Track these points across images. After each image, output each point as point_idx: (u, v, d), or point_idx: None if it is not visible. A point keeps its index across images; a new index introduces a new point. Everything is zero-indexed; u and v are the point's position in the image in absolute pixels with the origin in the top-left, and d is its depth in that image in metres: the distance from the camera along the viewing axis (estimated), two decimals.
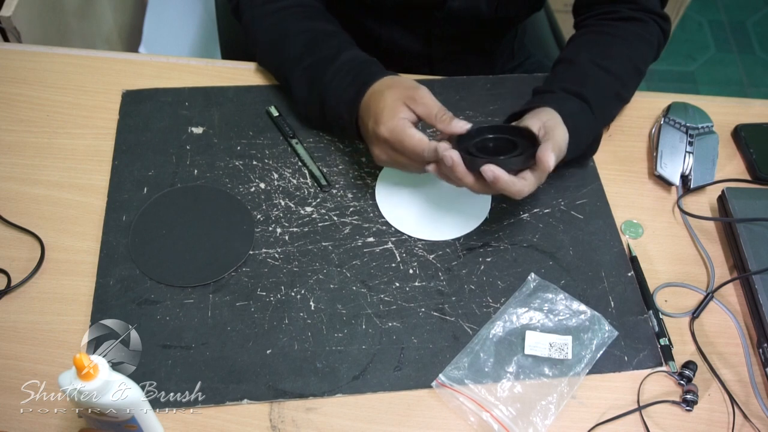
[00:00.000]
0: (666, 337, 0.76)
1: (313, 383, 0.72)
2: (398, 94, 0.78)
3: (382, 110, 0.77)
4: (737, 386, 0.74)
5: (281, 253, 0.80)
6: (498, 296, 0.78)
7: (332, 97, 0.83)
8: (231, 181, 0.86)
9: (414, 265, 0.80)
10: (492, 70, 1.11)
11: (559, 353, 0.74)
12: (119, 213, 0.82)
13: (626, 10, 0.91)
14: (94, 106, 0.92)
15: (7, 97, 0.92)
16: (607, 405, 0.72)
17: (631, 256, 0.83)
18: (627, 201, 0.88)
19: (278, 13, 0.89)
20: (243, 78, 0.96)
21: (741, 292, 0.81)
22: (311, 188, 0.86)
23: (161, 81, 0.95)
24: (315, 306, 0.77)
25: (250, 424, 0.69)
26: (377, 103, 0.78)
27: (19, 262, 0.78)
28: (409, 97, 0.77)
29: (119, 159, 0.87)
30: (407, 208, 0.85)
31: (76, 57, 0.97)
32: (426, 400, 0.72)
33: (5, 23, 1.02)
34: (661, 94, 0.98)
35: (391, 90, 0.78)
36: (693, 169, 0.88)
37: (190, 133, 0.90)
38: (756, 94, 2.17)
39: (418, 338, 0.75)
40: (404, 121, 0.76)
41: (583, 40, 0.91)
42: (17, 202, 0.83)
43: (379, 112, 0.77)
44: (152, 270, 0.78)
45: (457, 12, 0.94)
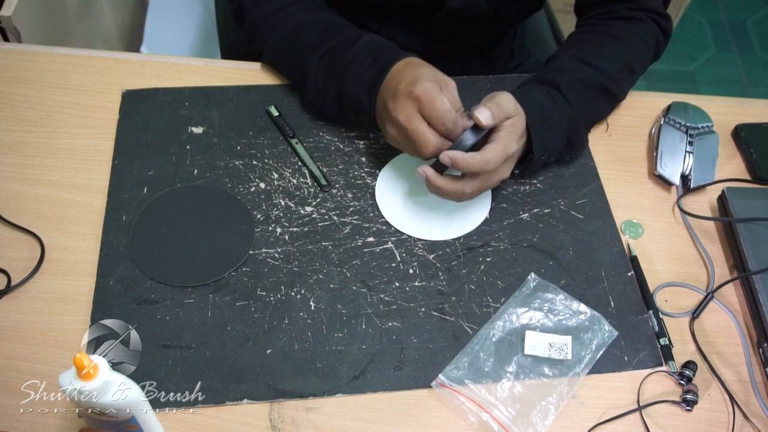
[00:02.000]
0: (666, 337, 0.76)
1: (313, 383, 0.72)
2: (434, 73, 0.79)
3: (422, 74, 0.78)
4: (737, 386, 0.74)
5: (281, 252, 0.80)
6: (498, 296, 0.78)
7: (351, 79, 0.83)
8: (231, 180, 0.86)
9: (414, 265, 0.80)
10: (491, 69, 1.11)
11: (558, 353, 0.74)
12: (119, 213, 0.82)
13: (624, 9, 0.91)
14: (94, 106, 0.92)
15: (7, 97, 0.92)
16: (607, 405, 0.72)
17: (631, 256, 0.83)
18: (627, 201, 0.88)
19: (287, 8, 0.90)
20: (243, 78, 0.96)
21: (741, 292, 0.81)
22: (311, 188, 0.86)
23: (161, 81, 0.95)
24: (315, 306, 0.77)
25: (250, 424, 0.70)
26: (415, 69, 0.79)
27: (19, 262, 0.78)
28: (443, 80, 0.79)
29: (119, 159, 0.87)
30: (407, 208, 0.85)
31: (76, 57, 0.97)
32: (426, 400, 0.72)
33: (5, 23, 1.02)
34: (661, 94, 0.98)
35: (427, 68, 0.80)
36: (693, 169, 0.88)
37: (190, 133, 0.90)
38: (756, 94, 2.17)
39: (418, 338, 0.75)
40: (440, 89, 0.77)
41: (574, 39, 0.92)
42: (17, 202, 0.83)
43: (419, 76, 0.77)
44: (152, 270, 0.78)
45: (457, 11, 0.94)
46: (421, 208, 0.85)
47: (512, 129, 0.77)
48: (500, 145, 0.76)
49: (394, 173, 0.87)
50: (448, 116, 0.75)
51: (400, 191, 0.86)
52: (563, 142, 0.84)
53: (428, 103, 0.76)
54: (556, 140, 0.83)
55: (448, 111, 0.76)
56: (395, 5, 0.95)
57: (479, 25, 0.98)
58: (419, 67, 0.80)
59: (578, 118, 0.85)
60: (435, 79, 0.78)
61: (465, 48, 1.05)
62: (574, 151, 0.89)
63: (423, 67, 0.80)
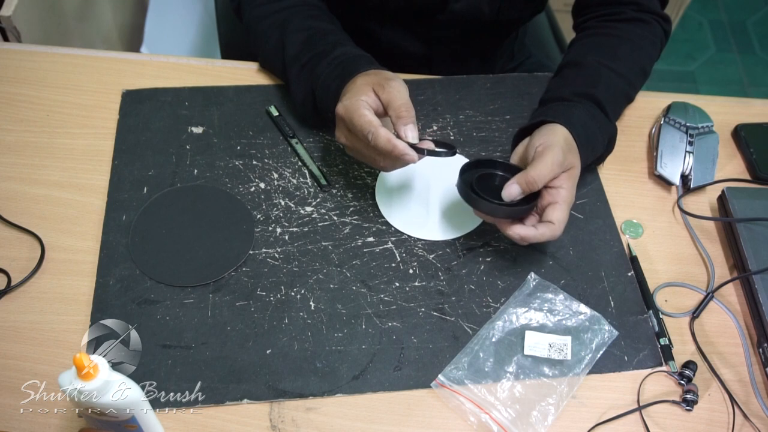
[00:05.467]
0: (666, 337, 0.76)
1: (313, 383, 0.72)
2: (370, 79, 0.77)
3: (348, 90, 0.77)
4: (737, 386, 0.74)
5: (281, 252, 0.80)
6: (498, 296, 0.78)
7: (322, 90, 0.83)
8: (231, 180, 0.86)
9: (414, 265, 0.80)
10: (492, 70, 1.11)
11: (558, 354, 0.74)
12: (119, 213, 0.82)
13: (630, 11, 0.90)
14: (94, 106, 0.92)
15: (7, 97, 0.92)
16: (607, 405, 0.72)
17: (631, 256, 0.83)
18: (627, 201, 0.88)
19: (280, 13, 0.89)
20: (243, 78, 0.96)
21: (741, 292, 0.81)
22: (311, 188, 0.86)
23: (161, 81, 0.95)
24: (315, 306, 0.77)
25: (250, 424, 0.70)
26: (349, 88, 0.78)
27: (19, 262, 0.78)
28: (379, 83, 0.76)
29: (119, 159, 0.87)
30: (407, 208, 0.85)
31: (76, 57, 0.97)
32: (426, 400, 0.72)
33: (5, 23, 1.02)
34: (661, 94, 0.98)
35: (367, 76, 0.78)
36: (693, 169, 0.88)
37: (190, 133, 0.90)
38: (756, 93, 2.17)
39: (418, 338, 0.75)
40: (361, 101, 0.75)
41: (588, 42, 0.91)
42: (17, 202, 0.83)
43: (345, 92, 0.77)
44: (152, 270, 0.78)
45: (460, 14, 0.94)
46: (421, 208, 0.85)
47: (572, 182, 0.75)
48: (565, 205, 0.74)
49: (394, 173, 0.87)
50: (367, 127, 0.73)
51: (400, 191, 0.86)
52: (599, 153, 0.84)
53: (348, 121, 0.75)
54: (595, 155, 0.83)
55: (367, 123, 0.73)
56: (397, 8, 0.95)
57: (481, 27, 0.98)
58: (355, 82, 0.78)
59: (615, 132, 0.85)
60: (361, 89, 0.75)
61: (466, 51, 1.05)
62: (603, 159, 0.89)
63: (357, 80, 0.77)
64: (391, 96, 0.74)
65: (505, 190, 0.73)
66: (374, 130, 0.72)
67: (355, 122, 0.74)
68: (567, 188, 0.74)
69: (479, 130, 0.92)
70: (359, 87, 0.76)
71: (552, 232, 0.73)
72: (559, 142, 0.75)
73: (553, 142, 0.75)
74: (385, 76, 0.77)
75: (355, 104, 0.74)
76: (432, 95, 0.95)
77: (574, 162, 0.76)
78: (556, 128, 0.77)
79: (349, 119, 0.74)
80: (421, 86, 0.96)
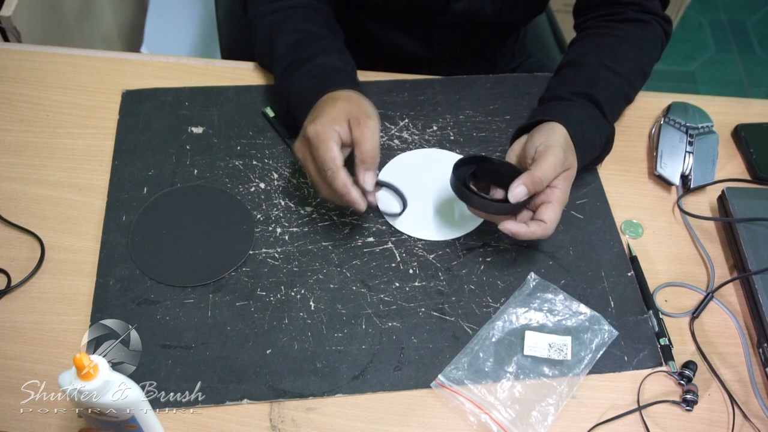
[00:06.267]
0: (666, 337, 0.76)
1: (313, 383, 0.72)
2: (349, 109, 0.75)
3: (324, 114, 0.75)
4: (737, 386, 0.74)
5: (281, 252, 0.80)
6: (498, 296, 0.78)
7: (295, 98, 0.83)
8: (231, 181, 0.86)
9: (414, 265, 0.80)
10: (492, 70, 1.11)
11: (558, 354, 0.74)
12: (119, 213, 0.82)
13: (631, 12, 0.90)
14: (94, 106, 0.92)
15: (7, 97, 0.92)
16: (607, 405, 0.72)
17: (631, 256, 0.83)
18: (627, 201, 0.88)
19: (278, 12, 0.89)
20: (243, 78, 0.96)
21: (741, 292, 0.81)
22: (311, 188, 0.86)
23: (161, 81, 0.95)
24: (315, 306, 0.77)
25: (250, 424, 0.70)
26: (326, 107, 0.76)
27: (19, 262, 0.78)
28: (356, 117, 0.75)
29: (119, 159, 0.87)
30: (407, 208, 0.85)
31: (76, 57, 0.97)
32: (426, 400, 0.72)
33: (5, 23, 1.02)
34: (661, 94, 0.98)
35: (346, 102, 0.76)
36: (693, 169, 0.88)
37: (190, 133, 0.90)
38: (756, 94, 2.17)
39: (418, 338, 0.75)
40: (333, 132, 0.74)
41: (588, 42, 0.91)
42: (17, 202, 0.83)
43: (321, 115, 0.75)
44: (152, 270, 0.78)
45: (461, 15, 0.94)
46: (421, 208, 0.85)
47: (567, 183, 0.75)
48: (558, 205, 0.74)
49: (394, 173, 0.87)
50: (328, 163, 0.73)
51: None
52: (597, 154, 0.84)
53: (314, 148, 0.74)
54: (593, 155, 0.83)
55: (330, 159, 0.73)
56: (398, 9, 0.95)
57: (482, 28, 0.98)
58: (333, 105, 0.76)
59: (612, 132, 0.85)
60: (336, 118, 0.74)
61: (467, 51, 1.05)
62: (601, 160, 0.89)
63: (337, 105, 0.76)
64: (363, 138, 0.74)
65: (511, 192, 0.73)
66: (335, 170, 0.73)
67: (320, 153, 0.73)
68: (562, 189, 0.75)
69: (479, 130, 0.92)
70: (336, 115, 0.75)
71: (543, 231, 0.74)
72: (559, 141, 0.75)
73: (553, 142, 0.75)
74: (364, 111, 0.76)
75: (325, 134, 0.73)
76: (432, 95, 0.95)
77: (572, 162, 0.76)
78: (555, 128, 0.77)
79: (316, 147, 0.74)
80: (421, 86, 0.96)
